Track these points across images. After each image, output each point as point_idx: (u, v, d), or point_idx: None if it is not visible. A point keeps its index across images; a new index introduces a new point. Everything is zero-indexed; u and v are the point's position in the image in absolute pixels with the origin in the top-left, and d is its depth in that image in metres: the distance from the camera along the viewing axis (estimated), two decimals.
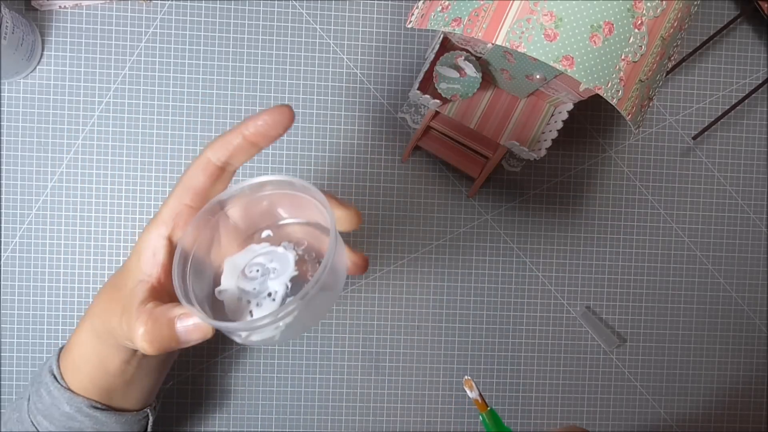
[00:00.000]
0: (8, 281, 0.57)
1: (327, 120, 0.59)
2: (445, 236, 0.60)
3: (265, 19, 0.58)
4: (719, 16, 0.62)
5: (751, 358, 0.63)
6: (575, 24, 0.40)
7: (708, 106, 0.62)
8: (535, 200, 0.61)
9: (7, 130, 0.57)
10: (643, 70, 0.43)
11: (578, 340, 0.62)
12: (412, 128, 0.60)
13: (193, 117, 0.58)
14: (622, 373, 0.62)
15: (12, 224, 0.57)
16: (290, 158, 0.59)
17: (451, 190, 0.60)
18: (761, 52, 0.62)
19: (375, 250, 0.60)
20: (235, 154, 0.38)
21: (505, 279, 0.61)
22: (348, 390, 0.60)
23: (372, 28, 0.59)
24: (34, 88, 0.57)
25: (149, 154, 0.58)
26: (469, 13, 0.42)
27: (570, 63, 0.40)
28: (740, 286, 0.63)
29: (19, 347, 0.57)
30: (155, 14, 0.57)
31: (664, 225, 0.62)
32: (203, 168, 0.38)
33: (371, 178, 0.60)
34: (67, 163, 0.57)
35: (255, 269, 0.39)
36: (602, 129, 0.62)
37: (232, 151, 0.38)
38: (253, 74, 0.58)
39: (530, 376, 0.61)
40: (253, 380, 0.59)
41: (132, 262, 0.39)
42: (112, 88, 0.57)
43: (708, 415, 0.63)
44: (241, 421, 0.59)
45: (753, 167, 0.63)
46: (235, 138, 0.38)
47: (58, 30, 0.57)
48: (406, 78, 0.60)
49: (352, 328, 0.60)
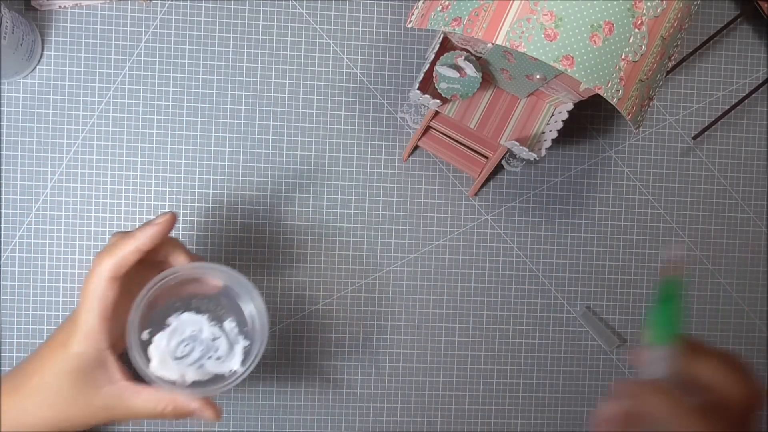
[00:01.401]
0: (8, 281, 0.57)
1: (327, 120, 0.59)
2: (445, 236, 0.60)
3: (265, 19, 0.58)
4: (719, 16, 0.62)
5: (751, 358, 0.63)
6: (575, 24, 0.40)
7: (708, 106, 0.62)
8: (535, 200, 0.61)
9: (7, 130, 0.57)
10: (643, 70, 0.43)
11: (578, 340, 0.62)
12: (412, 128, 0.60)
13: (193, 117, 0.58)
14: (622, 373, 0.62)
15: (12, 224, 0.57)
16: (290, 158, 0.59)
17: (451, 190, 0.60)
18: (761, 52, 0.62)
19: (375, 250, 0.60)
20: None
21: (505, 279, 0.61)
22: (348, 390, 0.60)
23: (372, 28, 0.59)
24: (34, 88, 0.57)
25: (149, 154, 0.58)
26: (469, 13, 0.42)
27: (570, 63, 0.40)
28: (740, 286, 0.63)
29: (19, 347, 0.57)
30: (155, 14, 0.57)
31: (664, 225, 0.62)
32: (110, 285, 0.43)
33: (371, 178, 0.60)
34: (67, 163, 0.57)
35: (184, 345, 0.45)
36: (602, 129, 0.62)
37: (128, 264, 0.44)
38: (253, 74, 0.58)
39: (530, 376, 0.61)
40: (253, 380, 0.59)
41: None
42: (112, 88, 0.57)
43: None
44: (241, 421, 0.59)
45: (753, 167, 0.63)
46: (133, 255, 0.43)
47: (58, 30, 0.57)
48: (406, 78, 0.60)
49: (352, 328, 0.60)
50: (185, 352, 0.45)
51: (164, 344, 0.45)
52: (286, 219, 0.59)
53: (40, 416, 0.44)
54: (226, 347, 0.46)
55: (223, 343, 0.46)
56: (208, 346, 0.46)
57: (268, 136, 0.59)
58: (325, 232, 0.59)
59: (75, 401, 0.44)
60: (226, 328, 0.46)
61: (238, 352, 0.46)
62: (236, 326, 0.47)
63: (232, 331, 0.47)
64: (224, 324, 0.46)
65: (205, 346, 0.46)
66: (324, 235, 0.59)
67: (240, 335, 0.47)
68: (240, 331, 0.47)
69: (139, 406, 0.45)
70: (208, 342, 0.46)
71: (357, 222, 0.60)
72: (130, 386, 0.45)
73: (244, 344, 0.46)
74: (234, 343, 0.46)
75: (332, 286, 0.59)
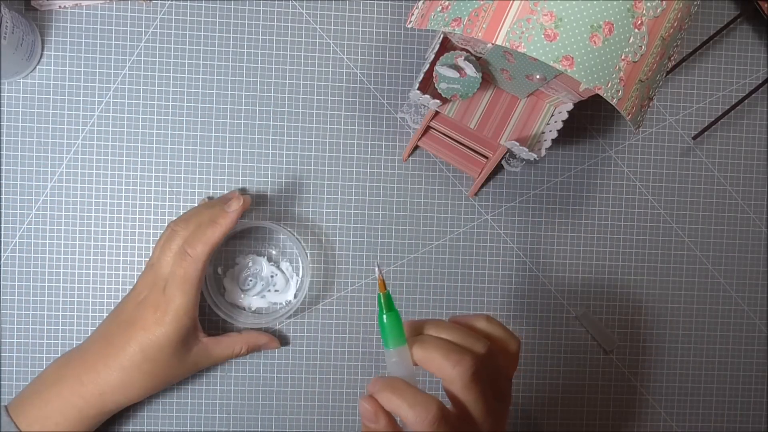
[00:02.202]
0: (8, 281, 0.57)
1: (327, 120, 0.59)
2: (445, 236, 0.60)
3: (265, 19, 0.58)
4: (719, 16, 0.62)
5: (751, 358, 0.63)
6: (575, 24, 0.40)
7: (708, 106, 0.62)
8: (535, 200, 0.61)
9: (7, 130, 0.57)
10: (643, 70, 0.43)
11: (578, 340, 0.62)
12: (412, 128, 0.60)
13: (193, 117, 0.58)
14: (622, 373, 0.62)
15: (12, 224, 0.57)
16: (290, 158, 0.59)
17: (451, 190, 0.60)
18: (761, 52, 0.62)
19: (375, 250, 0.60)
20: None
21: (505, 279, 0.61)
22: (348, 390, 0.60)
23: (372, 28, 0.59)
24: (34, 88, 0.57)
25: (149, 154, 0.58)
26: (469, 13, 0.42)
27: (570, 63, 0.40)
28: (740, 286, 0.63)
29: (19, 347, 0.57)
30: (155, 14, 0.57)
31: (664, 225, 0.62)
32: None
33: (371, 178, 0.60)
34: (67, 163, 0.57)
35: (248, 280, 0.58)
36: (602, 129, 0.62)
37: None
38: (253, 74, 0.58)
39: (530, 376, 0.61)
40: (253, 380, 0.59)
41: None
42: (112, 88, 0.57)
43: (708, 415, 0.63)
44: (241, 421, 0.59)
45: (753, 167, 0.63)
46: (220, 240, 0.51)
47: (58, 30, 0.57)
48: (406, 78, 0.60)
49: (352, 328, 0.60)
50: (250, 285, 0.58)
51: (234, 278, 0.57)
52: (286, 219, 0.59)
53: (142, 386, 0.51)
54: (283, 282, 0.58)
55: (280, 279, 0.57)
56: (267, 281, 0.57)
57: (268, 136, 0.59)
58: (325, 232, 0.59)
59: (172, 366, 0.52)
60: (282, 267, 0.58)
61: (293, 286, 0.58)
62: (290, 265, 0.58)
63: (288, 269, 0.58)
64: (281, 264, 0.58)
65: (265, 281, 0.57)
66: (324, 235, 0.59)
67: (294, 272, 0.58)
68: (293, 269, 0.58)
69: (220, 354, 0.55)
70: (267, 278, 0.57)
71: (357, 222, 0.60)
72: (212, 340, 0.54)
73: (297, 279, 0.58)
74: (290, 278, 0.58)
75: (332, 286, 0.60)
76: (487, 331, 0.44)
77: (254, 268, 0.58)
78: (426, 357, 0.40)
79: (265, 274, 0.57)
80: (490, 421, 0.40)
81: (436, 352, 0.40)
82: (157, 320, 0.50)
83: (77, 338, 0.57)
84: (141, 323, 0.50)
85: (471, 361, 0.39)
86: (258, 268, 0.58)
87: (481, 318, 0.44)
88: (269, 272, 0.57)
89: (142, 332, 0.50)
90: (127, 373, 0.50)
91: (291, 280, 0.58)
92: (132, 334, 0.50)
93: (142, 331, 0.50)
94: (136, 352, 0.50)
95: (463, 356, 0.39)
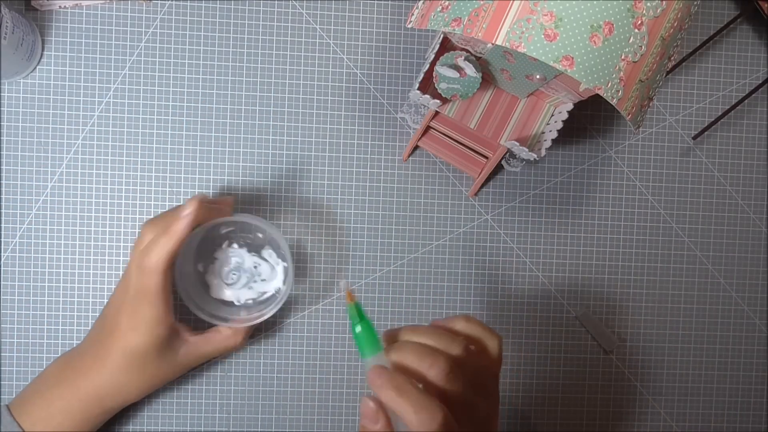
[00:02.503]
0: (8, 281, 0.57)
1: (327, 120, 0.59)
2: (445, 236, 0.60)
3: (265, 19, 0.58)
4: (719, 16, 0.62)
5: (751, 358, 0.63)
6: (575, 24, 0.40)
7: (708, 106, 0.62)
8: (535, 200, 0.61)
9: (7, 130, 0.57)
10: (643, 70, 0.43)
11: (578, 340, 0.62)
12: (412, 128, 0.60)
13: (193, 117, 0.58)
14: (622, 373, 0.62)
15: (12, 224, 0.57)
16: (290, 158, 0.59)
17: (451, 190, 0.60)
18: (761, 52, 0.62)
19: (375, 250, 0.60)
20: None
21: (505, 279, 0.61)
22: (348, 390, 0.60)
23: (372, 28, 0.59)
24: (34, 88, 0.57)
25: (149, 154, 0.58)
26: (469, 13, 0.42)
27: (570, 63, 0.40)
28: (740, 286, 0.63)
29: (19, 347, 0.57)
30: (155, 14, 0.57)
31: (664, 225, 0.62)
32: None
33: (371, 178, 0.60)
34: (67, 163, 0.57)
35: (232, 274, 0.55)
36: (602, 129, 0.62)
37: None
38: (253, 74, 0.58)
39: (530, 376, 0.61)
40: (253, 380, 0.59)
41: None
42: (112, 88, 0.57)
43: (708, 415, 0.63)
44: (241, 421, 0.59)
45: (753, 167, 0.63)
46: (177, 247, 0.49)
47: (58, 30, 0.57)
48: (406, 78, 0.60)
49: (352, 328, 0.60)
50: (234, 279, 0.55)
51: (215, 273, 0.55)
52: (286, 219, 0.59)
53: (136, 387, 0.51)
54: (268, 270, 0.55)
55: (265, 267, 0.55)
56: (251, 272, 0.55)
57: (268, 136, 0.59)
58: (326, 232, 0.59)
59: (161, 369, 0.51)
60: (264, 255, 0.55)
61: (279, 272, 0.55)
62: (273, 252, 0.56)
63: (272, 257, 0.55)
64: (263, 252, 0.55)
65: (249, 272, 0.55)
66: (324, 235, 0.59)
67: (279, 258, 0.55)
68: (278, 255, 0.56)
69: (212, 351, 0.53)
70: (251, 269, 0.55)
71: (357, 222, 0.60)
72: (200, 338, 0.53)
73: (284, 265, 0.55)
74: (275, 265, 0.55)
75: (332, 286, 0.59)
76: (465, 331, 0.44)
77: (235, 260, 0.55)
78: (401, 361, 0.41)
79: (248, 266, 0.55)
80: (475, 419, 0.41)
81: (411, 355, 0.41)
82: (133, 328, 0.49)
83: (77, 338, 0.57)
84: (119, 332, 0.50)
85: (445, 362, 0.40)
86: (239, 260, 0.55)
87: (460, 319, 0.45)
88: (252, 263, 0.55)
89: (122, 341, 0.50)
90: (118, 378, 0.50)
91: (277, 266, 0.56)
92: (114, 341, 0.50)
93: (122, 340, 0.50)
94: (121, 358, 0.50)
95: (437, 357, 0.40)
